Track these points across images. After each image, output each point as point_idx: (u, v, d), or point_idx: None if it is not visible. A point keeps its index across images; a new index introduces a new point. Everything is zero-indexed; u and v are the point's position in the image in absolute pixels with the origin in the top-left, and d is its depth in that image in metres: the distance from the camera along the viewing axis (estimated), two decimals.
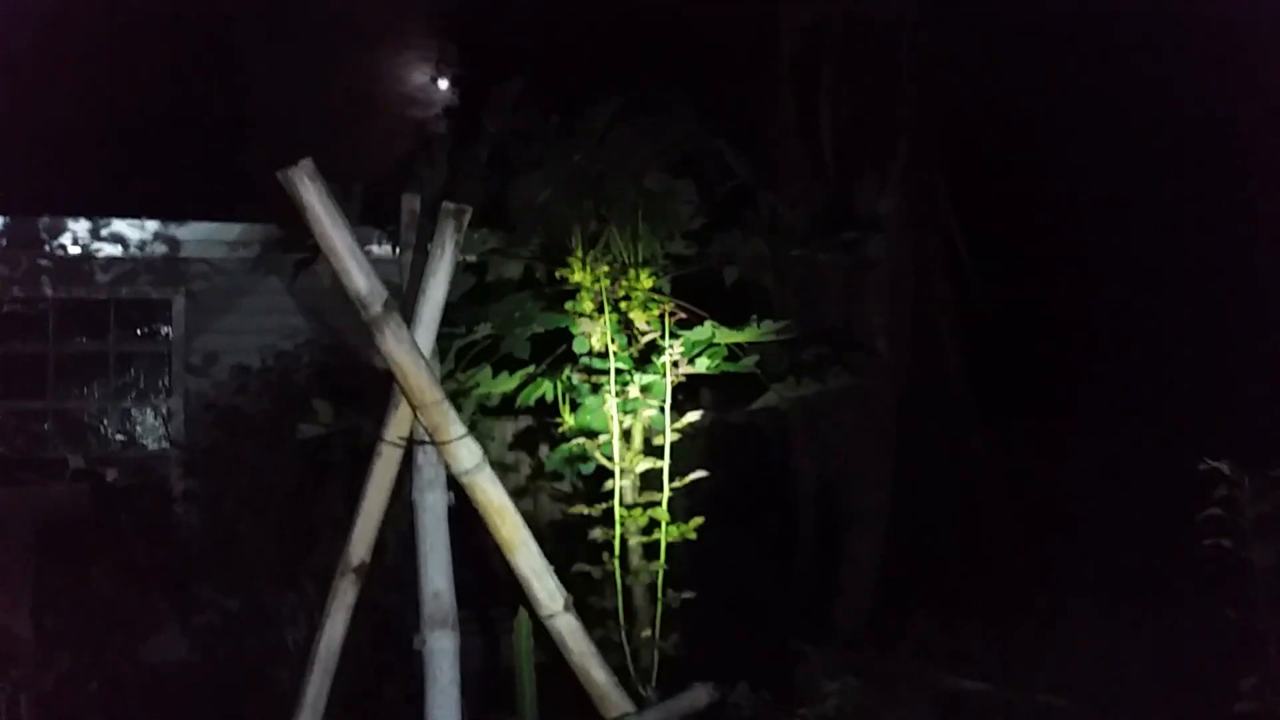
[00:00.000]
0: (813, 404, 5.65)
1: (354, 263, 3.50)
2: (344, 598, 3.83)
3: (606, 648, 3.80)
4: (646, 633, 4.44)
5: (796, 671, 4.60)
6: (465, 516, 3.79)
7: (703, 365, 4.82)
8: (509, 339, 5.06)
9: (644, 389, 4.66)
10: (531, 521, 3.77)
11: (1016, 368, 6.16)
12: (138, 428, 7.42)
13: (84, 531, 6.03)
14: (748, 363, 4.86)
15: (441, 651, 3.40)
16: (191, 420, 7.21)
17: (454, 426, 3.66)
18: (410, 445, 3.76)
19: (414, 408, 3.68)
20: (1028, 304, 6.04)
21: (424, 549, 3.62)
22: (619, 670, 3.87)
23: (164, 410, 7.45)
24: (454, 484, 3.71)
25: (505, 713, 3.60)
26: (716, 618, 5.00)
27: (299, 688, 3.90)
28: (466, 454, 3.66)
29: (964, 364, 6.18)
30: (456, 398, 4.78)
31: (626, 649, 4.39)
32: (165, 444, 7.39)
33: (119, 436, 7.35)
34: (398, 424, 3.80)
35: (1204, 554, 3.41)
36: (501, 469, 3.73)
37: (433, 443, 3.68)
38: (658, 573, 4.50)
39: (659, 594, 4.47)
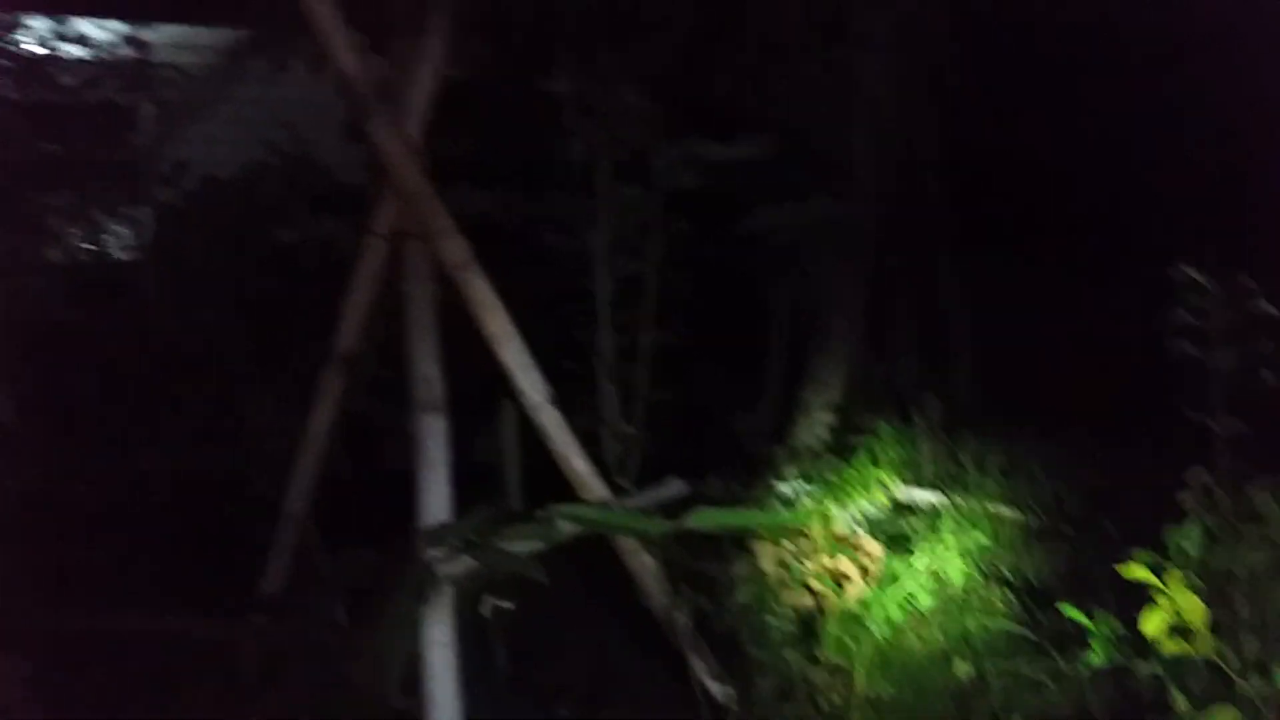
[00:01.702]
0: (792, 227, 5.70)
1: (344, 41, 3.44)
2: (332, 385, 3.92)
3: (589, 442, 3.92)
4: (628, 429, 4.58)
5: (766, 472, 4.77)
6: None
7: (689, 182, 4.83)
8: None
9: (632, 198, 4.68)
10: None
11: (994, 200, 6.21)
12: (105, 237, 7.28)
13: (57, 335, 6.03)
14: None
15: (433, 432, 3.49)
16: (161, 230, 7.12)
17: (442, 219, 3.68)
18: (398, 239, 3.78)
19: (403, 199, 3.68)
20: (1012, 140, 6.02)
21: (414, 337, 3.67)
22: (600, 464, 4.01)
23: (132, 219, 7.32)
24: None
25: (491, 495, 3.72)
26: (693, 421, 5.15)
27: (288, 472, 4.03)
28: (456, 247, 3.68)
29: (941, 193, 6.23)
30: None
31: (608, 444, 4.54)
32: (134, 254, 7.29)
33: (87, 245, 7.23)
34: (386, 217, 3.82)
35: (1169, 362, 3.54)
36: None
37: (421, 236, 3.70)
38: (640, 374, 4.62)
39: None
